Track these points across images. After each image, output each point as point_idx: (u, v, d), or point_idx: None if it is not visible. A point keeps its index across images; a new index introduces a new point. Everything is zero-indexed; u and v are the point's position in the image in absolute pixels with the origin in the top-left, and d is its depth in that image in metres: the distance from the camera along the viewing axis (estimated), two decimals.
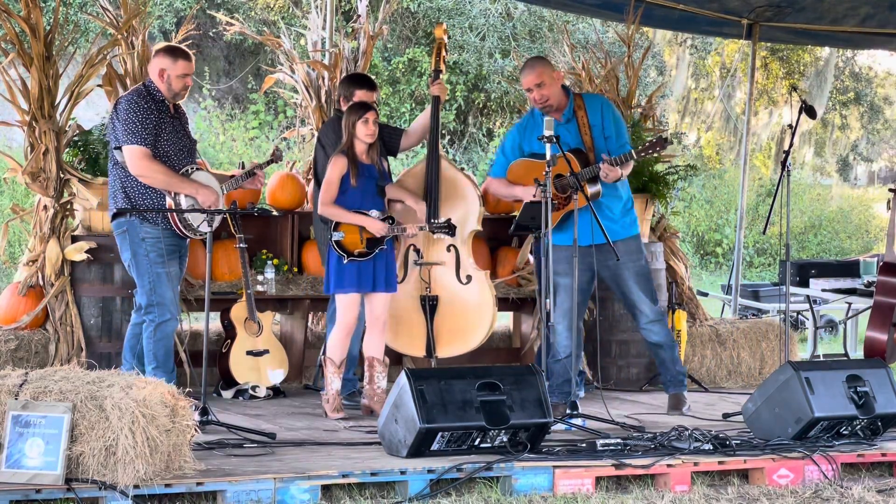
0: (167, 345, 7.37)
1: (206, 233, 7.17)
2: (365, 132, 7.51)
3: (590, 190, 7.56)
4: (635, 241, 7.80)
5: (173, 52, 7.50)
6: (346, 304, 7.53)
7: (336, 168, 7.50)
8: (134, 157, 7.24)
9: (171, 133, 7.42)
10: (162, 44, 8.01)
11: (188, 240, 7.53)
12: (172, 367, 7.41)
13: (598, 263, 7.72)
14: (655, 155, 7.91)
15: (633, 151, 7.54)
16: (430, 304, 8.06)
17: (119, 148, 7.31)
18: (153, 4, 19.83)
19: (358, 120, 7.51)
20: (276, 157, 8.07)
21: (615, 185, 7.68)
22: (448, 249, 8.13)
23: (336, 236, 7.48)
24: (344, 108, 7.86)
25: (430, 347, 8.07)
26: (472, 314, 8.18)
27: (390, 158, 8.24)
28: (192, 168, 7.45)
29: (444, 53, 8.31)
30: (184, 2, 21.00)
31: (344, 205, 7.50)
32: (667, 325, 7.85)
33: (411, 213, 7.89)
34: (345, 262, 7.47)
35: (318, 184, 7.95)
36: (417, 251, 8.07)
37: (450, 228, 7.75)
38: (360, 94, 7.98)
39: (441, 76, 8.22)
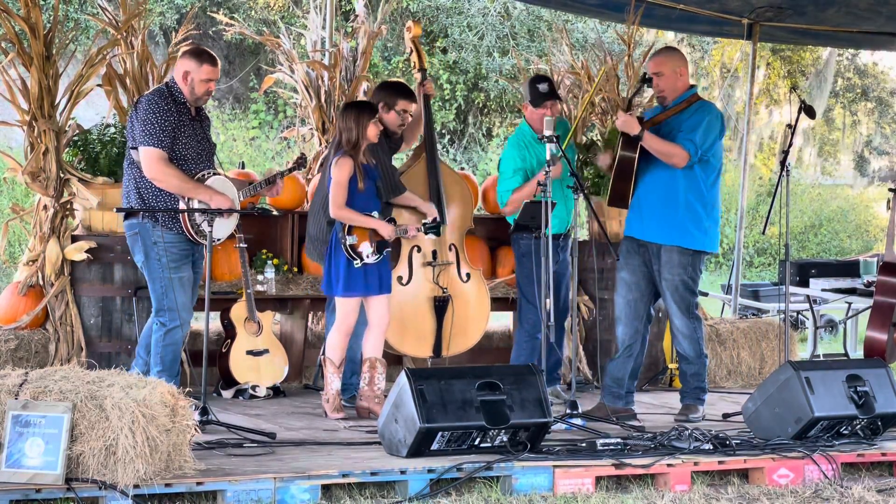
0: (175, 350, 7.33)
1: (218, 240, 7.15)
2: (375, 133, 7.43)
3: (620, 126, 7.50)
4: (680, 254, 7.56)
5: (199, 56, 7.34)
6: (351, 307, 7.49)
7: (346, 170, 7.36)
8: (149, 160, 7.11)
9: (190, 136, 7.27)
10: (189, 45, 7.96)
11: (202, 246, 7.48)
12: (177, 372, 7.40)
13: (650, 269, 7.67)
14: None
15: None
16: (442, 305, 8.04)
17: (136, 148, 7.23)
18: (154, 2, 19.81)
19: (371, 121, 7.40)
20: (299, 164, 7.99)
21: (668, 186, 7.54)
22: (450, 249, 8.14)
23: (350, 240, 7.38)
24: (384, 115, 7.86)
25: (439, 348, 8.06)
26: (474, 310, 8.23)
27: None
28: (208, 173, 7.29)
29: (422, 51, 8.33)
30: None
31: (352, 207, 7.44)
32: (697, 343, 7.68)
33: (411, 215, 7.87)
34: (357, 265, 7.40)
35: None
36: (434, 253, 8.04)
37: (436, 228, 7.74)
38: (403, 104, 7.93)
39: (427, 74, 8.22)
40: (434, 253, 8.04)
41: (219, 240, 7.29)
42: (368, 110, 7.46)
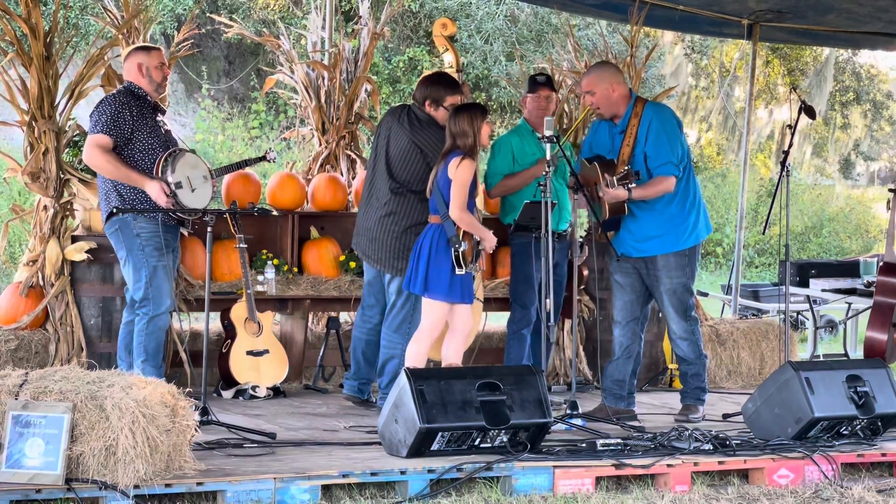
0: (158, 338, 7.38)
1: (200, 211, 7.26)
2: (487, 134, 7.27)
3: (609, 200, 7.41)
4: (675, 258, 7.54)
5: (145, 48, 7.71)
6: (444, 312, 7.27)
7: (472, 172, 7.14)
8: (88, 144, 7.37)
9: (154, 127, 7.53)
10: (129, 47, 8.06)
11: (178, 235, 7.59)
12: (161, 363, 7.43)
13: (643, 275, 7.63)
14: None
15: (632, 189, 7.31)
16: None
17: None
18: (155, 10, 19.80)
19: (484, 121, 7.24)
20: (264, 158, 8.35)
21: (647, 205, 7.46)
22: None
23: (464, 246, 7.20)
24: (433, 112, 7.63)
25: None
26: (475, 313, 8.19)
27: None
28: (179, 151, 7.55)
29: (456, 51, 8.23)
30: (184, 6, 20.99)
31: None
32: (696, 344, 7.67)
33: None
34: (460, 273, 7.20)
35: (415, 194, 7.64)
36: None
37: None
38: (450, 100, 7.63)
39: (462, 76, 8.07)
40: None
41: (198, 212, 7.43)
42: (480, 111, 7.27)
